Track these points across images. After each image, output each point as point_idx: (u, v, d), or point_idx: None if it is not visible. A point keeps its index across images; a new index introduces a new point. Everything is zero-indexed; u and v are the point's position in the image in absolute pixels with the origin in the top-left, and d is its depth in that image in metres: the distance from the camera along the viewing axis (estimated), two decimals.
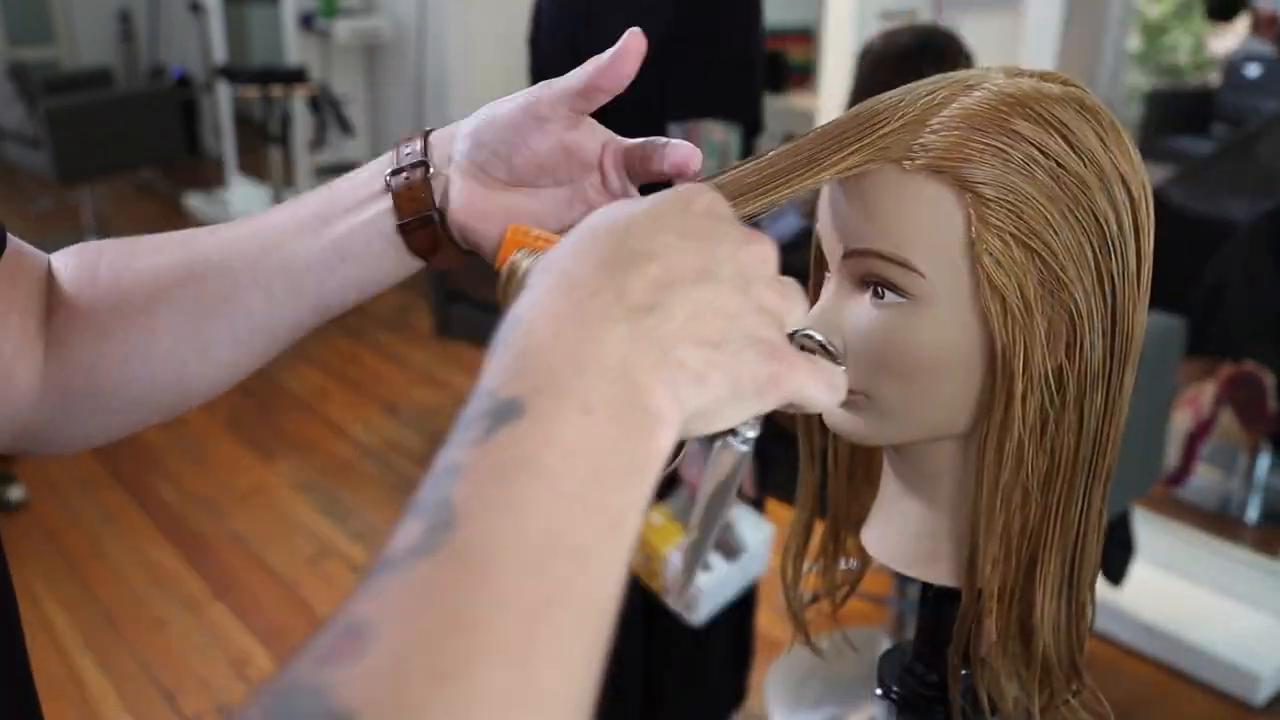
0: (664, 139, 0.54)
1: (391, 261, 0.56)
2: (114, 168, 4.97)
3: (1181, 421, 2.92)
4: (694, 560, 0.45)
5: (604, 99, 0.54)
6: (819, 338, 0.48)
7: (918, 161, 0.50)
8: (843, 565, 0.66)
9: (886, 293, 0.52)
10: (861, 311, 0.53)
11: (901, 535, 0.59)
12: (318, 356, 4.02)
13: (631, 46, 0.52)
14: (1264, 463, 2.89)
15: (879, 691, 0.64)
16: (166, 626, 2.52)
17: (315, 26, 5.38)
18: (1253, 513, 2.88)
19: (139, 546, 2.84)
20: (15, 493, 3.01)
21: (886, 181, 0.50)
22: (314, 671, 0.27)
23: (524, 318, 0.35)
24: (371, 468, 3.22)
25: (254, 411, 3.60)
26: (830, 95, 2.70)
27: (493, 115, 0.55)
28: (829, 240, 0.55)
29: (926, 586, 0.60)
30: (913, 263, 0.50)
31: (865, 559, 0.65)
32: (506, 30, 5.05)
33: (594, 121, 0.55)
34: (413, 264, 0.57)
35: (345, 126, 5.04)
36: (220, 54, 5.51)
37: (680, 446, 0.41)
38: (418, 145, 0.56)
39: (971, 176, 0.49)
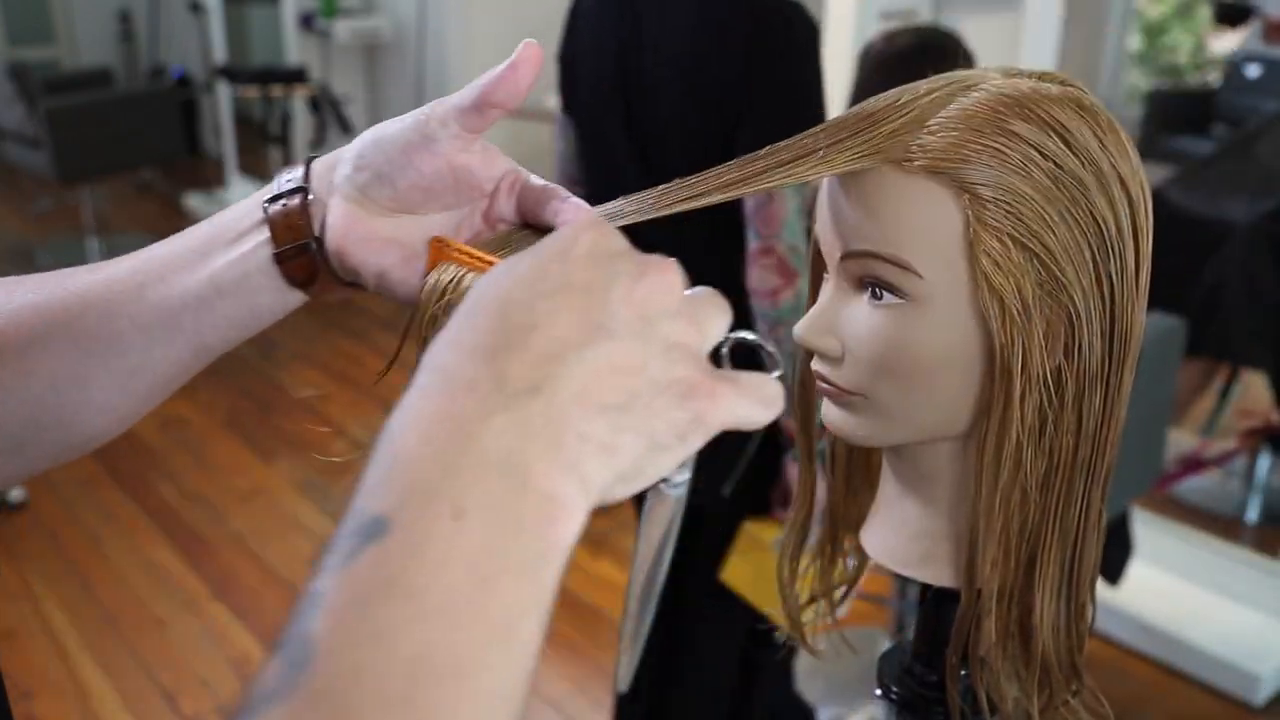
0: (565, 193, 0.52)
1: (270, 294, 0.53)
2: (114, 168, 4.97)
3: (1182, 438, 2.93)
4: (635, 633, 0.40)
5: (497, 115, 0.52)
6: (751, 339, 0.43)
7: (916, 162, 0.50)
8: (841, 565, 0.66)
9: (885, 294, 0.52)
10: (860, 312, 0.53)
11: (900, 536, 0.59)
12: (318, 357, 4.02)
13: (527, 57, 0.51)
14: (1264, 463, 2.89)
15: (879, 691, 0.64)
16: (166, 626, 2.52)
17: (315, 26, 5.38)
18: (1253, 513, 2.88)
19: (139, 546, 2.84)
20: (15, 493, 3.02)
21: (885, 182, 0.50)
22: None
23: (394, 428, 0.33)
24: None
25: (254, 411, 3.60)
26: (830, 95, 2.69)
27: (379, 135, 0.52)
28: (827, 241, 0.55)
29: (926, 587, 0.60)
30: (911, 264, 0.50)
31: (864, 559, 0.65)
32: (506, 30, 5.06)
33: (495, 149, 0.53)
34: (293, 297, 0.54)
35: (345, 126, 5.04)
36: (220, 54, 5.51)
37: (640, 499, 0.39)
38: (298, 171, 0.54)
39: (970, 177, 0.49)
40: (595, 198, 0.55)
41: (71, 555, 2.80)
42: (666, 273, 0.37)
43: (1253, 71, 4.34)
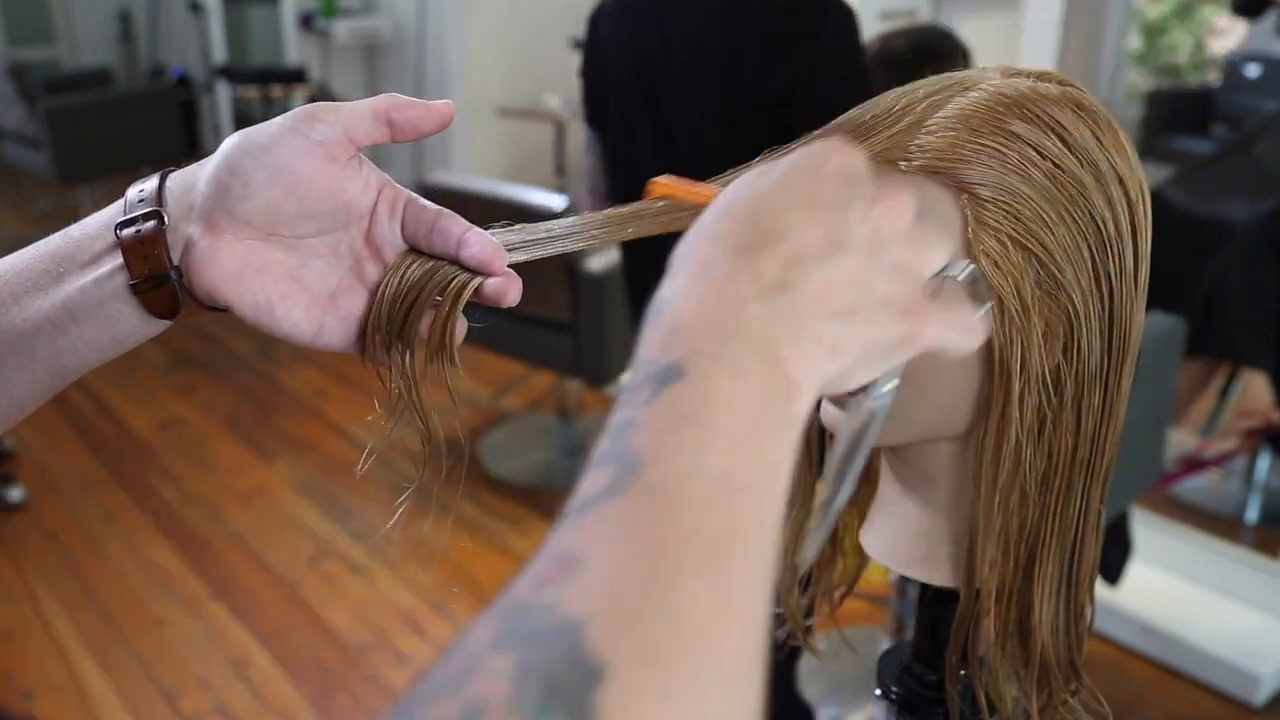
0: (462, 222, 0.50)
1: (130, 323, 0.49)
2: (114, 168, 4.97)
3: (1182, 438, 2.93)
4: (825, 515, 0.45)
5: (386, 136, 0.50)
6: (963, 276, 0.46)
7: (915, 162, 0.50)
8: (841, 566, 0.66)
9: None
10: None
11: (900, 536, 0.59)
12: (318, 357, 4.02)
13: (442, 111, 0.51)
14: (1264, 463, 2.89)
15: (878, 691, 0.64)
16: (166, 626, 2.52)
17: (315, 26, 5.38)
18: (1252, 513, 2.88)
19: (139, 546, 2.84)
20: (15, 493, 3.02)
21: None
22: (535, 593, 0.29)
23: (669, 300, 0.37)
24: (371, 468, 3.22)
25: (254, 412, 3.60)
26: None
27: (249, 137, 0.48)
28: None
29: (925, 587, 0.60)
30: None
31: (863, 559, 0.65)
32: (506, 30, 5.06)
33: (369, 162, 0.50)
34: (156, 325, 0.50)
35: None
36: (220, 54, 5.52)
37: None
38: (151, 186, 0.50)
39: (968, 177, 0.49)
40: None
41: (71, 555, 2.80)
42: (900, 197, 0.40)
43: (1252, 71, 4.34)
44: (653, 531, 0.31)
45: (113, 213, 0.50)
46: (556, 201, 2.61)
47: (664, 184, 0.51)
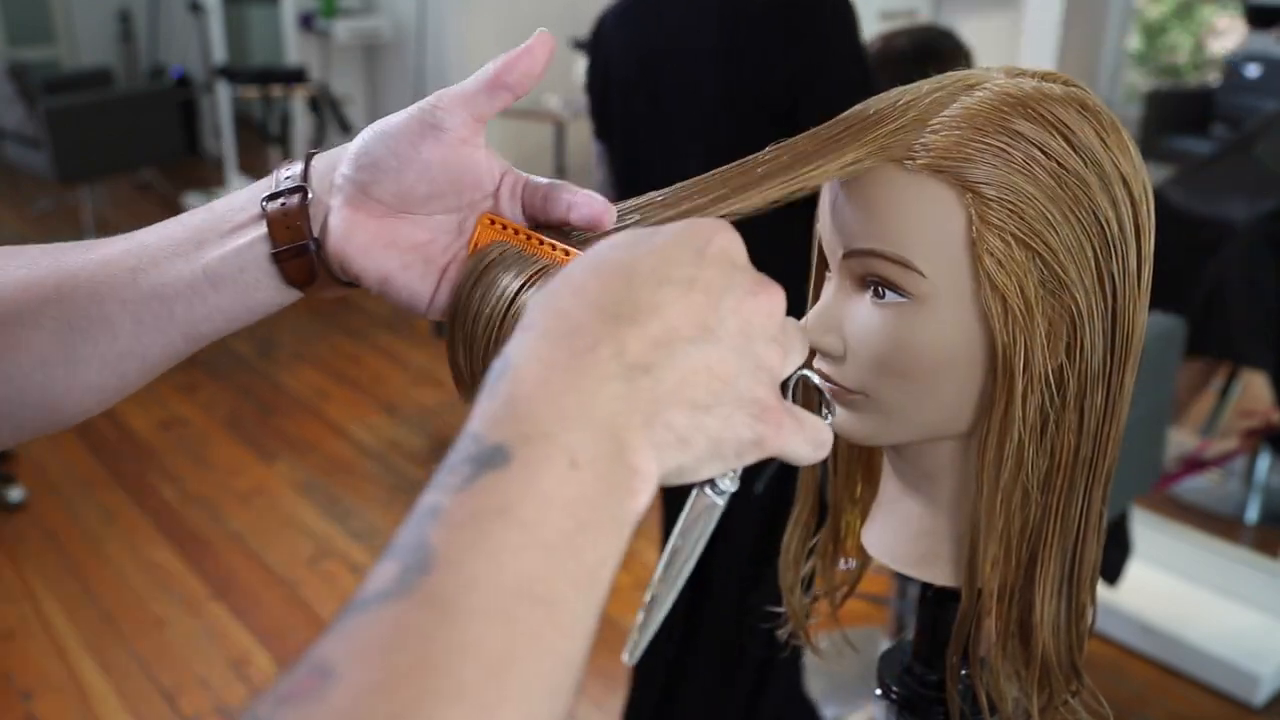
0: (573, 187, 0.52)
1: (266, 291, 0.52)
2: (114, 168, 4.97)
3: (1182, 438, 2.93)
4: (653, 615, 0.41)
5: (508, 100, 0.51)
6: (815, 380, 0.47)
7: (919, 161, 0.50)
8: (842, 565, 0.66)
9: (887, 292, 0.52)
10: (862, 311, 0.53)
11: (901, 535, 0.59)
12: (318, 356, 4.02)
13: (542, 41, 0.50)
14: (1264, 463, 2.90)
15: (879, 691, 0.64)
16: (166, 626, 2.52)
17: (315, 26, 5.38)
18: (1253, 513, 2.88)
19: (139, 546, 2.84)
20: (15, 493, 3.01)
21: (887, 181, 0.50)
22: (272, 711, 0.27)
23: (515, 363, 0.34)
24: (371, 468, 3.22)
25: (254, 411, 3.60)
26: None
27: (383, 127, 0.51)
28: (830, 240, 0.55)
29: (926, 586, 0.60)
30: (913, 262, 0.50)
31: (865, 559, 0.65)
32: (506, 30, 5.06)
33: (494, 150, 0.53)
34: (289, 294, 0.53)
35: (345, 126, 5.04)
36: (220, 54, 5.52)
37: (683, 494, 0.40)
38: (298, 169, 0.53)
39: (972, 176, 0.49)
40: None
41: (71, 555, 2.80)
42: (775, 297, 0.39)
43: (1252, 71, 4.34)
44: (420, 648, 0.28)
45: (260, 188, 0.53)
46: None
47: (492, 223, 0.51)
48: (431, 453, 3.26)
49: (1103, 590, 2.28)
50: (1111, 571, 2.15)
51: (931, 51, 1.79)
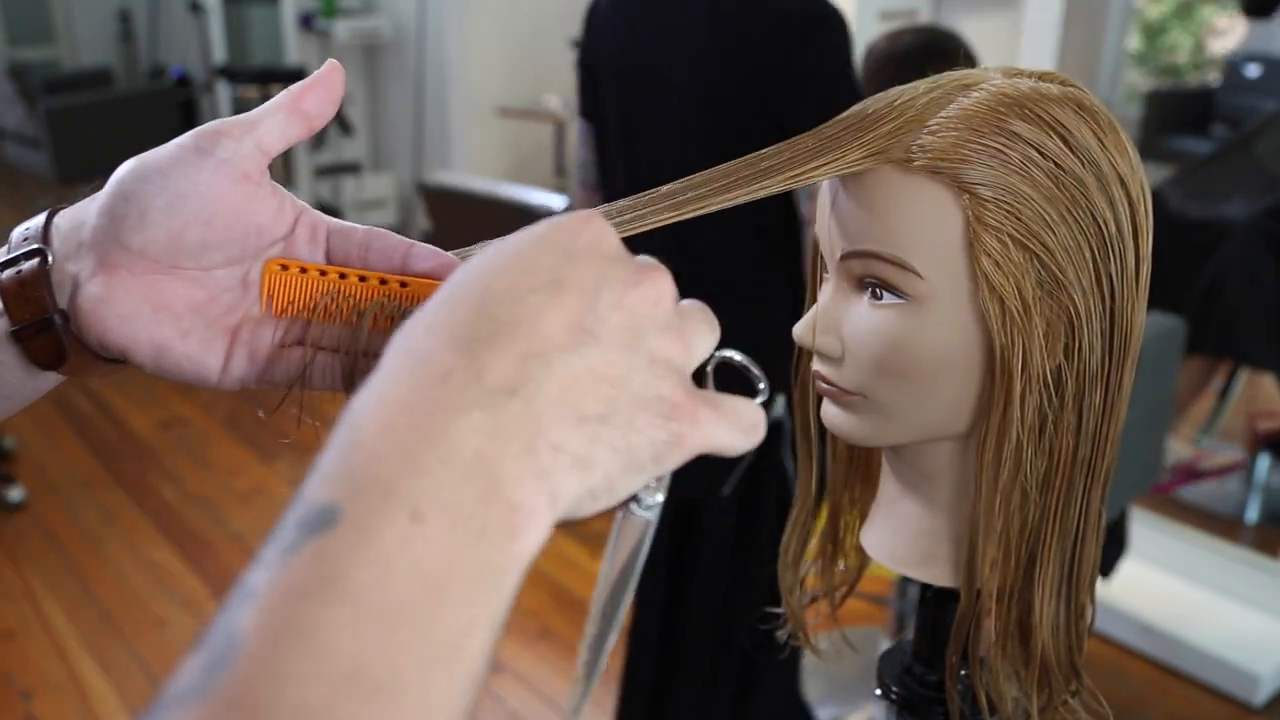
0: (405, 240, 0.44)
1: (14, 374, 0.43)
2: (114, 168, 4.95)
3: (1179, 447, 2.93)
4: (595, 658, 0.38)
5: (303, 129, 0.44)
6: (738, 360, 0.42)
7: (916, 162, 0.50)
8: (841, 566, 0.66)
9: (885, 293, 0.52)
10: (860, 312, 0.53)
11: (900, 536, 0.59)
12: None
13: (333, 71, 0.44)
14: (1264, 463, 2.90)
15: (879, 692, 0.64)
16: (166, 626, 2.52)
17: (315, 26, 5.38)
18: (1253, 513, 2.88)
19: (139, 546, 2.84)
20: (15, 493, 3.02)
21: (885, 182, 0.50)
22: None
23: (356, 410, 0.30)
24: None
25: (254, 411, 3.60)
26: None
27: (141, 161, 0.42)
28: (827, 241, 0.55)
29: (926, 587, 0.60)
30: (911, 264, 0.50)
31: (864, 559, 0.65)
32: (506, 30, 5.06)
33: (285, 191, 0.45)
34: (41, 379, 0.44)
35: (345, 126, 5.04)
36: (220, 54, 5.52)
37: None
38: (37, 224, 0.44)
39: (970, 177, 0.49)
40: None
41: (71, 555, 2.80)
42: (660, 282, 0.34)
43: (1252, 71, 4.34)
44: None
45: None
46: (556, 201, 2.61)
47: (273, 268, 0.44)
48: None
49: (1102, 590, 2.28)
50: (1105, 566, 2.15)
51: (937, 51, 1.79)
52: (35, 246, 0.43)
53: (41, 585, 2.66)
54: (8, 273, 0.43)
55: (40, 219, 0.45)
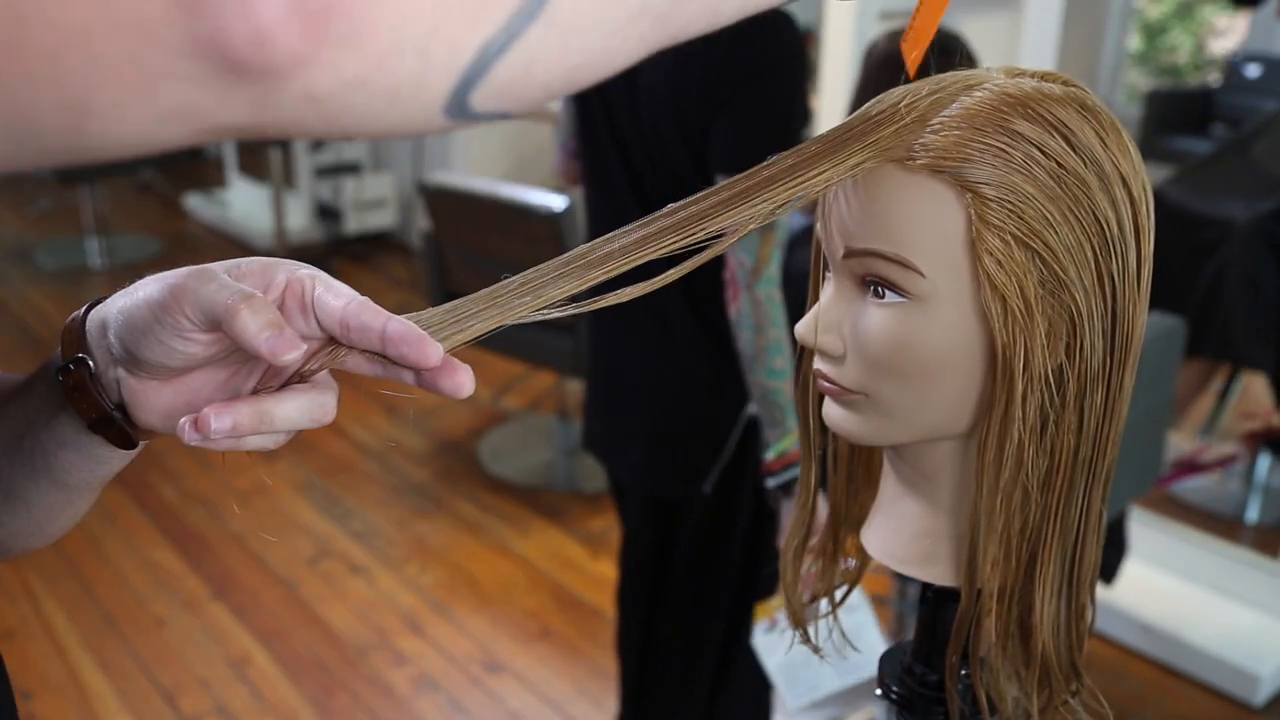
0: (380, 314, 0.47)
1: (106, 449, 0.52)
2: (114, 168, 4.96)
3: (1180, 441, 2.93)
4: None
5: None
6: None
7: (919, 161, 0.50)
8: (842, 565, 0.66)
9: (887, 292, 0.52)
10: (862, 311, 0.53)
11: (901, 535, 0.59)
12: None
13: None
14: (1264, 463, 2.90)
15: (879, 691, 0.64)
16: (166, 626, 2.52)
17: None
18: (1253, 513, 2.88)
19: (139, 546, 2.84)
20: None
21: (887, 181, 0.50)
22: None
23: None
24: (371, 468, 3.22)
25: None
26: (831, 95, 2.70)
27: (129, 316, 0.47)
28: (830, 239, 0.55)
29: (926, 586, 0.60)
30: (913, 262, 0.50)
31: (865, 559, 0.65)
32: None
33: (262, 264, 0.49)
34: (128, 453, 0.53)
35: None
36: None
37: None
38: (76, 326, 0.50)
39: (972, 176, 0.49)
40: (594, 215, 0.51)
41: (71, 555, 2.80)
42: None
43: (1252, 71, 4.34)
44: None
45: (53, 361, 0.51)
46: (556, 202, 2.61)
47: None
48: (431, 453, 3.26)
49: (1102, 590, 2.28)
50: (1107, 571, 2.15)
51: (933, 51, 1.78)
52: (78, 355, 0.49)
53: (41, 585, 2.66)
54: (66, 379, 0.49)
55: (80, 314, 0.50)
